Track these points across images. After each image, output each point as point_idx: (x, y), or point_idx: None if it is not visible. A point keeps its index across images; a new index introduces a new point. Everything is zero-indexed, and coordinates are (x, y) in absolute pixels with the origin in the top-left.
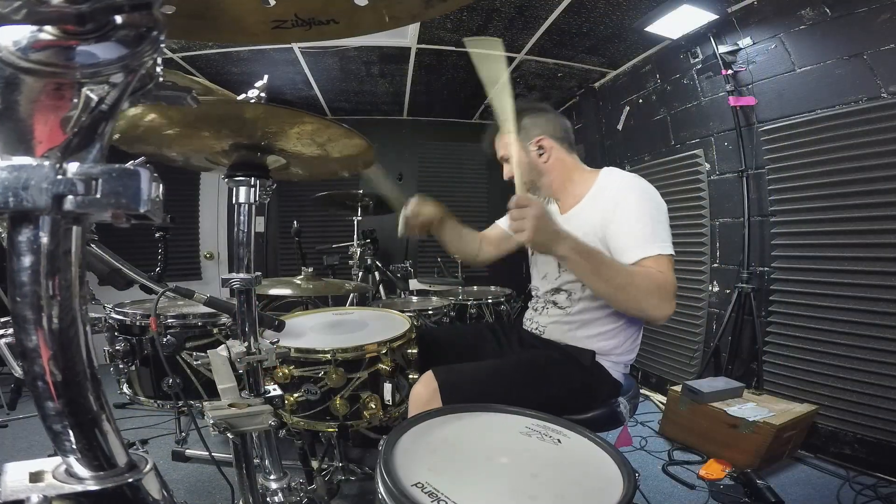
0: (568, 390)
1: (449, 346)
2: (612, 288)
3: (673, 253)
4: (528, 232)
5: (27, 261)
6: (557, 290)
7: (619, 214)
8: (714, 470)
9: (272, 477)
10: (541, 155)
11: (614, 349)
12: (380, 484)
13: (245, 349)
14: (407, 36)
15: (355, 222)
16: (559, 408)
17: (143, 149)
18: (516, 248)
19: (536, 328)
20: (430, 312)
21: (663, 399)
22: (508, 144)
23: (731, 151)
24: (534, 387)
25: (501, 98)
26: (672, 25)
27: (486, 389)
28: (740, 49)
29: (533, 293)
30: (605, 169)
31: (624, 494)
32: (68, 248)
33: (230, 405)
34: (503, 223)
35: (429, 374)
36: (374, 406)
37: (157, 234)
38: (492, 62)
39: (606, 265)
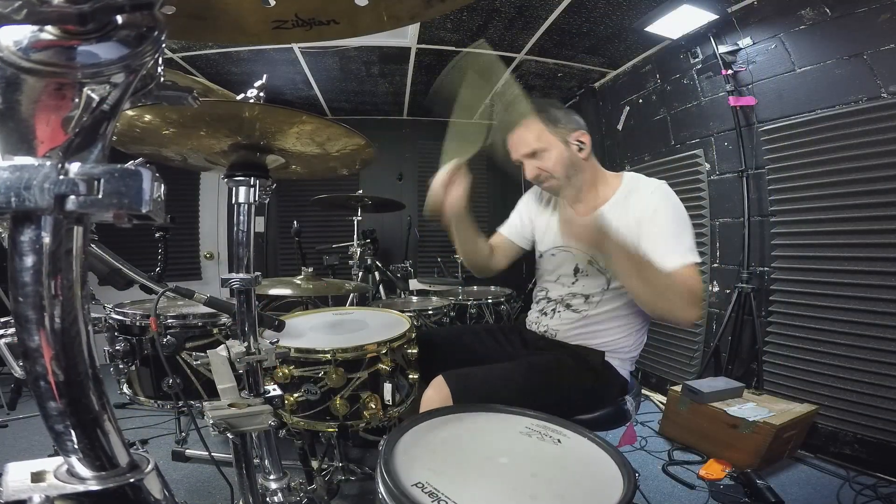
0: (579, 391)
1: (449, 346)
2: (652, 289)
3: (700, 261)
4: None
5: (29, 261)
6: (574, 295)
7: (658, 222)
8: (714, 470)
9: (272, 477)
10: (580, 150)
11: (624, 347)
12: (380, 484)
13: (245, 349)
14: (407, 36)
15: (355, 222)
16: (570, 409)
17: (141, 149)
18: (522, 253)
19: (546, 331)
20: (430, 312)
21: (663, 399)
22: (545, 136)
23: (731, 151)
24: (545, 390)
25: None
26: (672, 25)
27: (498, 394)
28: (740, 49)
29: (540, 295)
30: (628, 173)
31: (624, 494)
32: (70, 247)
33: (230, 405)
34: (506, 231)
35: (440, 380)
36: (374, 406)
37: (157, 234)
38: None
39: (650, 267)
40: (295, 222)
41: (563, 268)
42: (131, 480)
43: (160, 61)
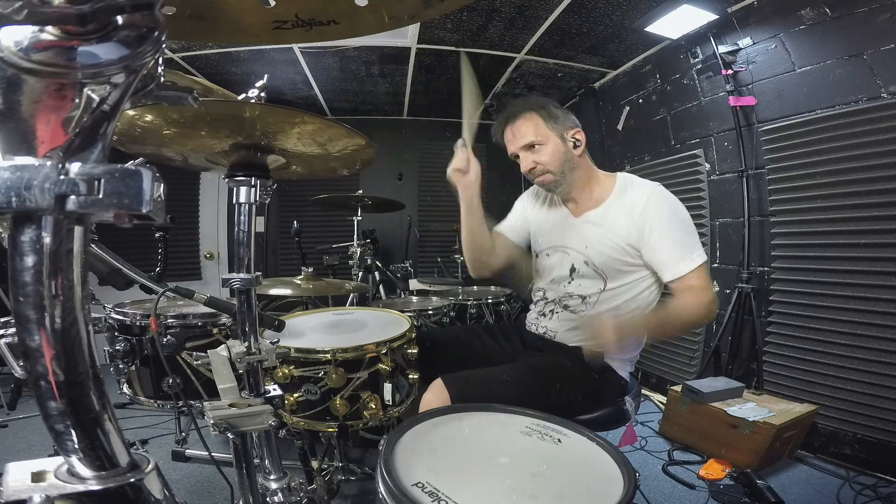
0: (579, 393)
1: (449, 346)
2: (676, 331)
3: (706, 257)
4: (614, 347)
5: (30, 261)
6: (571, 296)
7: (655, 232)
8: (714, 470)
9: (272, 477)
10: (576, 147)
11: (624, 348)
12: (380, 484)
13: (245, 349)
14: (407, 36)
15: (355, 222)
16: (570, 410)
17: (142, 149)
18: (519, 254)
19: (545, 332)
20: (430, 312)
21: (663, 399)
22: (543, 130)
23: (731, 151)
24: (546, 392)
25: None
26: (672, 25)
27: (497, 396)
28: (740, 49)
29: (538, 296)
30: (621, 174)
31: (624, 494)
32: (70, 247)
33: (230, 405)
34: (504, 228)
35: (439, 383)
36: (374, 406)
37: (157, 234)
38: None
39: (668, 325)
40: (295, 222)
41: (558, 269)
42: (131, 480)
43: (160, 61)
